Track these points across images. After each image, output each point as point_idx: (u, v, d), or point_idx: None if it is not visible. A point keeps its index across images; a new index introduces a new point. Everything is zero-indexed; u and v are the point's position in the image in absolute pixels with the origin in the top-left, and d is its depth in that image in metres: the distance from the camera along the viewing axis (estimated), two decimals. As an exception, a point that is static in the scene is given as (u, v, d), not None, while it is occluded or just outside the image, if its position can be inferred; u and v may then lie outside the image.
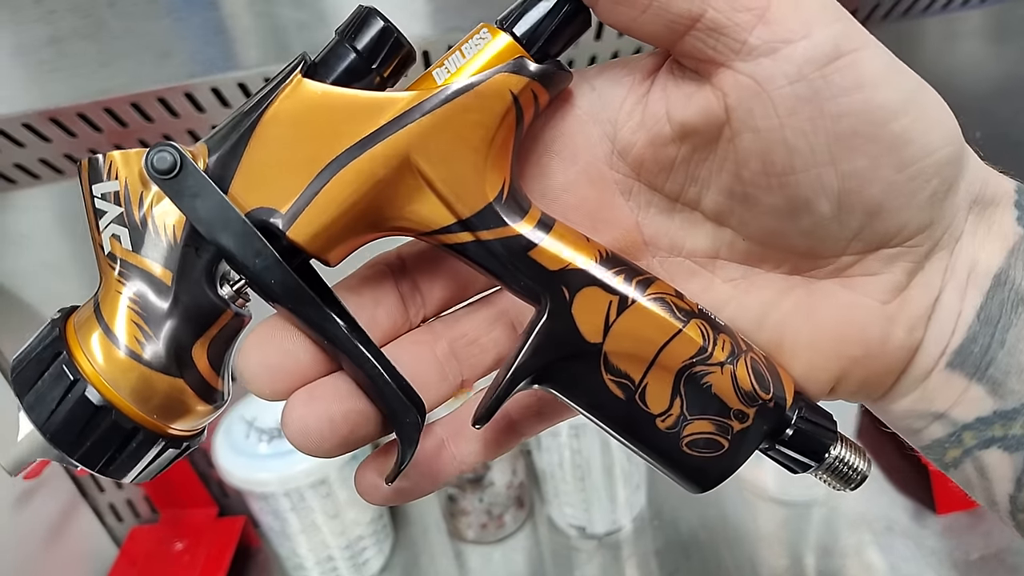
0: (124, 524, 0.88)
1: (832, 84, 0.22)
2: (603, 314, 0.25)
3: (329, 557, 0.80)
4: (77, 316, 0.24)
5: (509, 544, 0.86)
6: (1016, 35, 0.78)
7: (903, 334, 0.26)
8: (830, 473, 0.27)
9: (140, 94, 0.54)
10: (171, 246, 0.23)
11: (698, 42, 0.22)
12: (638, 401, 0.25)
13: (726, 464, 0.26)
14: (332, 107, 0.23)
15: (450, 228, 0.24)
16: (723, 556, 0.82)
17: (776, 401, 0.26)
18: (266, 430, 0.75)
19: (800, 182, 0.23)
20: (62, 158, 0.60)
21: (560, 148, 0.26)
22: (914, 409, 0.27)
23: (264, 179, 0.23)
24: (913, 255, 0.25)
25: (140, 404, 0.23)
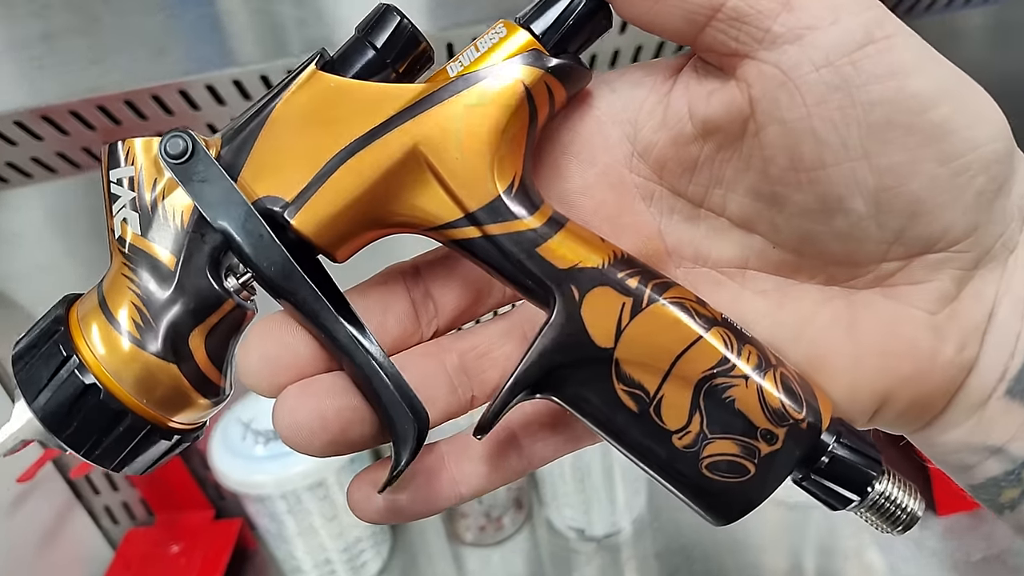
0: (120, 527, 0.88)
1: (863, 71, 0.21)
2: (615, 317, 0.23)
3: (327, 560, 0.79)
4: (82, 298, 0.24)
5: (508, 546, 0.85)
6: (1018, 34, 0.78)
7: (953, 350, 0.23)
8: (875, 511, 0.24)
9: (134, 91, 0.53)
10: (178, 231, 0.23)
11: (719, 34, 0.22)
12: (652, 415, 0.23)
13: (752, 493, 0.23)
14: (343, 98, 0.23)
15: (457, 223, 0.23)
16: (723, 558, 0.81)
17: (810, 422, 0.23)
18: (262, 432, 0.74)
19: (832, 177, 0.22)
20: (55, 156, 0.59)
21: (578, 150, 0.25)
22: (968, 442, 0.24)
23: (273, 168, 0.23)
24: (961, 262, 0.23)
25: (132, 389, 0.23)
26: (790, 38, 0.21)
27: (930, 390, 0.24)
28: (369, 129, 0.23)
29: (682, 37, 0.23)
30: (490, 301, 0.28)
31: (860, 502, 0.23)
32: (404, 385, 0.24)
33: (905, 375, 0.24)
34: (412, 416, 0.23)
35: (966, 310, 0.23)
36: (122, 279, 0.23)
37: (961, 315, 0.23)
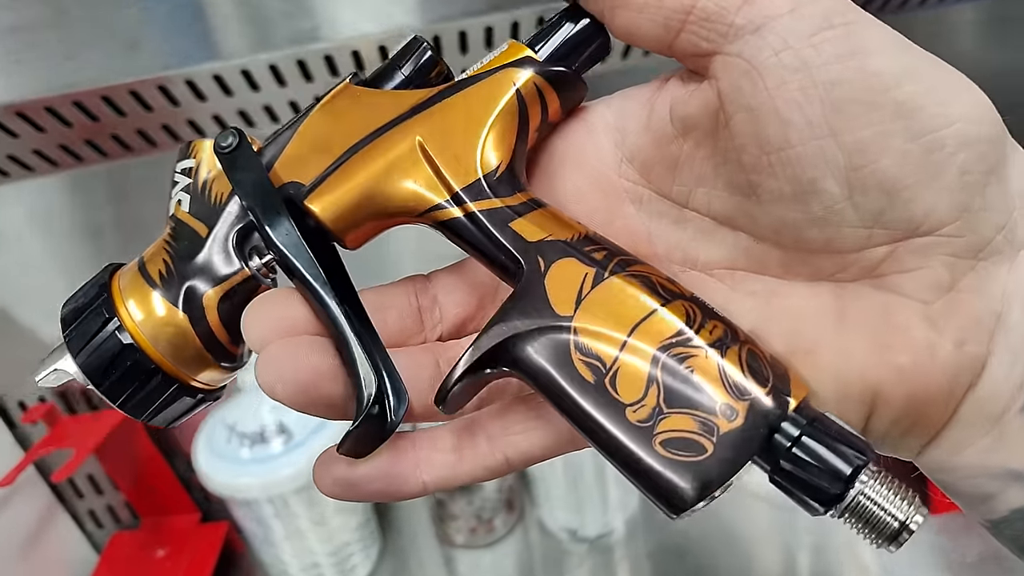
0: (104, 531, 0.87)
1: (823, 53, 0.21)
2: (577, 286, 0.23)
3: (315, 564, 0.78)
4: (124, 266, 0.27)
5: (499, 548, 0.85)
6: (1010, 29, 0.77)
7: (951, 345, 0.22)
8: (857, 515, 0.21)
9: (111, 87, 0.52)
10: (215, 208, 0.26)
11: (692, 35, 0.23)
12: (608, 386, 0.22)
13: (709, 474, 0.21)
14: (364, 102, 0.26)
15: (444, 204, 0.25)
16: (716, 557, 0.81)
17: (776, 398, 0.21)
18: (248, 435, 0.73)
19: (801, 158, 0.22)
20: (31, 154, 0.58)
21: (570, 158, 0.27)
22: (985, 464, 0.22)
23: (299, 161, 0.26)
24: (952, 247, 0.22)
25: (162, 349, 0.25)
26: (751, 29, 0.22)
27: (928, 388, 0.22)
28: (381, 125, 0.26)
29: (662, 45, 0.24)
30: (491, 309, 0.28)
31: (837, 501, 0.21)
32: (384, 360, 0.25)
33: (898, 366, 0.22)
34: (376, 378, 0.24)
35: (966, 303, 0.22)
36: (162, 244, 0.27)
37: (960, 308, 0.22)
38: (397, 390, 0.25)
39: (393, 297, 0.27)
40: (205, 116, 0.59)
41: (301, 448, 0.72)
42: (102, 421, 0.74)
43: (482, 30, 0.57)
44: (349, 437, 0.24)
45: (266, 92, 0.58)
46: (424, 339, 0.28)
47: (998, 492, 0.23)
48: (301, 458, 0.71)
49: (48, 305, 0.72)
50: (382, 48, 0.57)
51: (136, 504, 0.85)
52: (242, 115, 0.60)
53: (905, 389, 0.22)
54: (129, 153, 0.60)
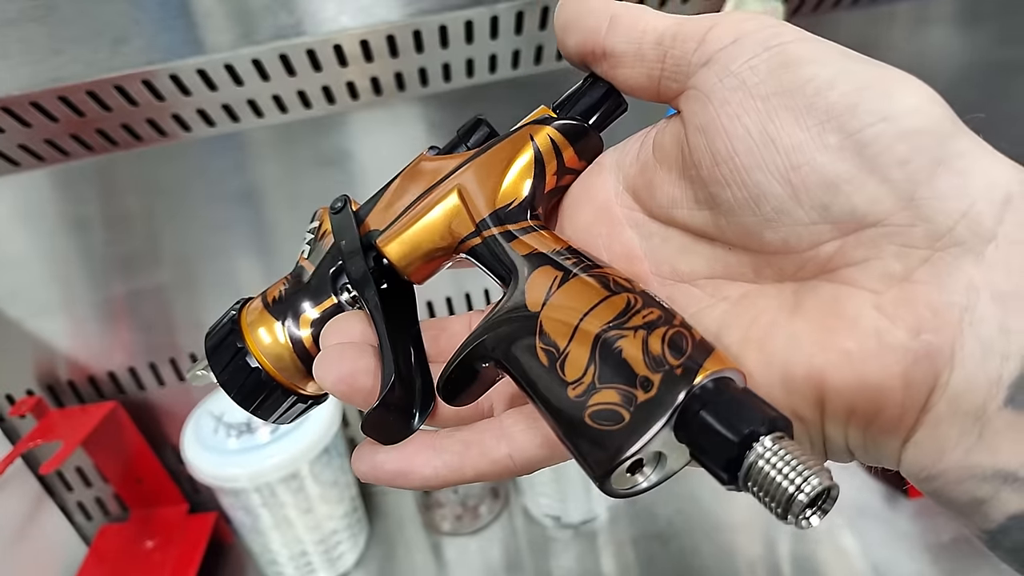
0: (93, 523, 0.87)
1: (757, 72, 0.24)
2: (547, 286, 0.26)
3: (303, 552, 0.79)
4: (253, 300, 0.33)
5: (485, 535, 0.86)
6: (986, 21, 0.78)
7: (905, 333, 0.21)
8: (756, 482, 0.20)
9: (96, 81, 0.53)
10: (322, 252, 0.32)
11: (668, 80, 0.27)
12: (558, 368, 0.24)
13: (621, 440, 0.22)
14: (430, 167, 0.32)
15: (470, 235, 0.30)
16: (698, 543, 0.82)
17: (687, 368, 0.22)
18: (234, 425, 0.73)
19: (746, 166, 0.24)
20: (17, 149, 0.58)
21: (581, 194, 0.31)
22: (972, 466, 0.21)
23: (382, 214, 0.32)
24: (903, 238, 0.21)
25: (277, 366, 0.31)
26: (703, 62, 0.25)
27: (877, 376, 0.21)
28: (435, 181, 0.31)
29: (652, 93, 0.28)
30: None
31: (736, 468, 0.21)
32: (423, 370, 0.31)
33: (844, 351, 0.22)
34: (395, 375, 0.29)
35: (922, 295, 0.21)
36: (282, 281, 0.33)
37: (916, 299, 0.21)
38: (426, 394, 0.30)
39: (450, 324, 0.33)
40: (190, 110, 0.59)
41: (287, 438, 0.72)
42: (90, 414, 0.75)
43: (462, 24, 0.58)
44: (367, 417, 0.28)
45: (250, 86, 0.58)
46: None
47: (990, 496, 0.21)
48: (288, 448, 0.72)
49: (34, 299, 0.72)
50: (364, 43, 0.57)
51: (124, 496, 0.85)
52: (226, 109, 0.60)
53: (852, 375, 0.22)
54: (114, 147, 0.61)
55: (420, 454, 0.28)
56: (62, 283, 0.72)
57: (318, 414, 0.75)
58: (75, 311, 0.74)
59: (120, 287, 0.73)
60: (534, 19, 0.60)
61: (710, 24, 0.26)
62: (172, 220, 0.70)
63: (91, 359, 0.77)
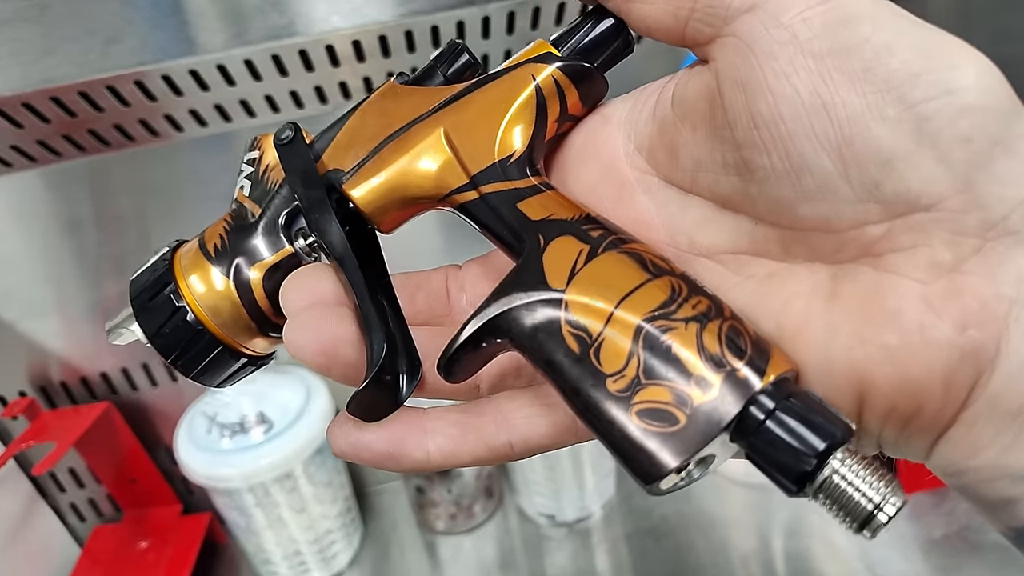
0: (86, 524, 0.87)
1: (812, 26, 0.21)
2: (571, 262, 0.23)
3: (297, 552, 0.79)
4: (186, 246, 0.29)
5: (479, 534, 0.86)
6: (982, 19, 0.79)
7: (951, 329, 0.20)
8: (829, 496, 0.20)
9: (88, 82, 0.53)
10: (269, 191, 0.29)
11: (698, 23, 0.24)
12: (592, 357, 0.22)
13: (680, 445, 0.20)
14: (403, 99, 0.29)
15: (462, 188, 0.27)
16: (692, 540, 0.82)
17: (751, 371, 0.21)
18: (228, 425, 0.73)
19: (792, 132, 0.21)
20: (9, 150, 0.58)
21: (585, 149, 0.28)
22: (1004, 464, 0.20)
23: (343, 151, 0.28)
24: (956, 224, 0.20)
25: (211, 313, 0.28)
26: (745, 8, 0.22)
27: (920, 373, 0.20)
28: (414, 118, 0.28)
29: (675, 36, 0.25)
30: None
31: (808, 480, 0.20)
32: (404, 335, 0.27)
33: (885, 347, 0.21)
34: (387, 346, 0.25)
35: (971, 286, 0.20)
36: (221, 223, 0.29)
37: (964, 291, 0.20)
38: (412, 363, 0.27)
39: (425, 280, 0.30)
40: (182, 110, 0.59)
41: (281, 437, 0.72)
42: (83, 414, 0.75)
43: (454, 24, 0.58)
44: (356, 397, 0.25)
45: (242, 86, 0.58)
46: (450, 323, 0.29)
47: (1022, 496, 0.21)
48: (281, 447, 0.72)
49: (26, 300, 0.72)
50: (355, 43, 0.57)
51: (118, 497, 0.85)
52: (218, 109, 0.60)
53: (894, 372, 0.21)
54: (107, 148, 0.61)
55: (410, 436, 0.25)
56: (55, 284, 0.72)
57: (312, 414, 0.75)
58: (68, 312, 0.74)
59: (113, 288, 0.73)
60: (525, 19, 0.60)
61: None
62: (164, 221, 0.70)
63: (84, 360, 0.77)
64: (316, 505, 0.77)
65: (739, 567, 0.80)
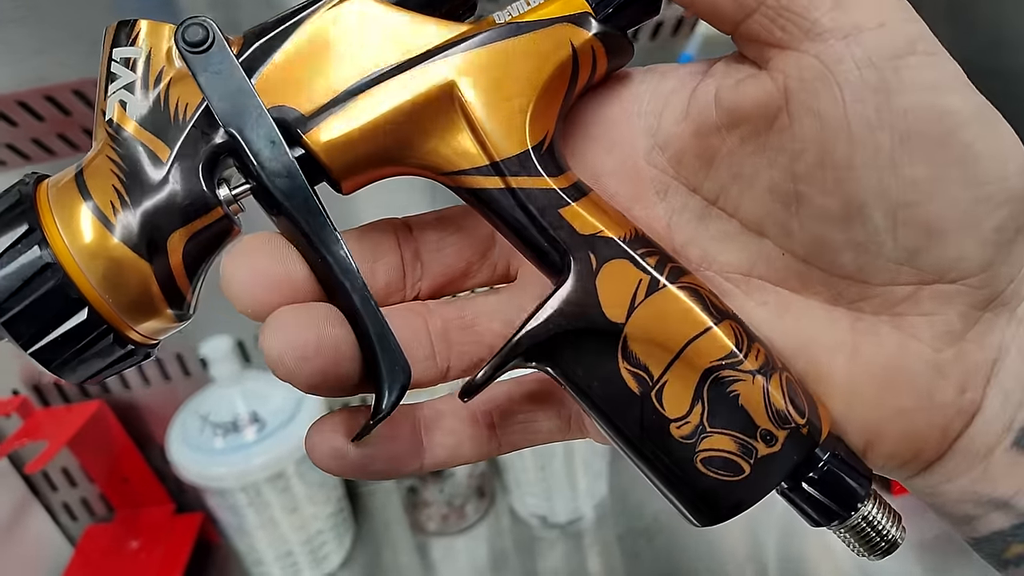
0: (79, 523, 0.87)
1: (903, 79, 0.20)
2: (630, 292, 0.22)
3: (288, 552, 0.79)
4: (54, 182, 0.22)
5: (471, 535, 0.86)
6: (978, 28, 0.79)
7: (953, 392, 0.22)
8: (854, 533, 0.23)
9: (82, 81, 0.53)
10: (178, 123, 0.21)
11: (766, 20, 0.21)
12: (653, 399, 0.22)
13: (743, 493, 0.22)
14: (387, 23, 0.22)
15: (480, 169, 0.22)
16: (685, 541, 0.82)
17: (811, 429, 0.22)
18: (221, 424, 0.73)
19: (858, 181, 0.21)
20: (3, 148, 0.58)
21: (599, 135, 0.25)
22: (971, 492, 0.23)
23: (295, 79, 0.22)
24: (971, 298, 0.22)
25: (97, 280, 0.21)
26: (836, 34, 0.21)
27: (923, 429, 0.23)
28: (408, 58, 0.22)
29: (727, 22, 0.22)
30: (478, 277, 0.27)
31: (843, 521, 0.23)
32: (393, 334, 0.23)
33: (899, 410, 0.23)
34: (404, 357, 0.22)
35: (971, 353, 0.22)
36: (106, 161, 0.21)
37: (966, 357, 0.22)
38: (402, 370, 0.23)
39: (380, 246, 0.25)
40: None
41: (274, 437, 0.72)
42: (75, 413, 0.75)
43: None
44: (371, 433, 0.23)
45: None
46: (403, 296, 0.26)
47: (981, 516, 0.23)
48: (274, 447, 0.72)
49: None
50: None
51: (110, 496, 0.85)
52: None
53: (901, 429, 0.23)
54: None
55: (407, 446, 0.25)
56: None
57: (305, 413, 0.75)
58: (61, 311, 0.74)
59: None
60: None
61: None
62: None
63: (77, 359, 0.77)
64: (308, 505, 0.77)
65: (732, 568, 0.80)
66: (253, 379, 0.76)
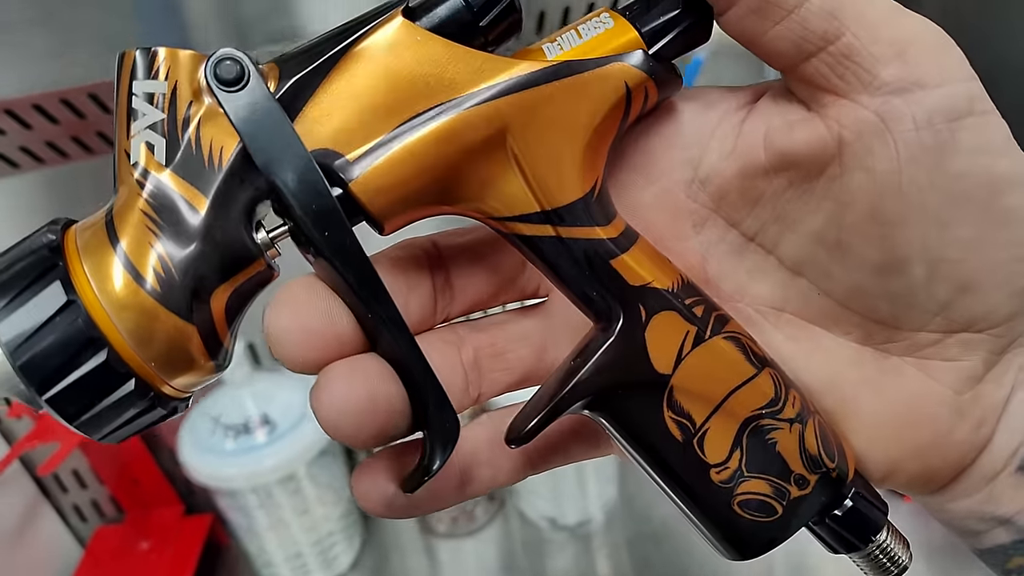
0: (88, 524, 0.87)
1: (958, 141, 0.20)
2: (678, 344, 0.22)
3: (298, 554, 0.79)
4: (82, 228, 0.20)
5: (480, 537, 0.86)
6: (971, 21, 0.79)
7: (970, 430, 0.24)
8: (869, 560, 0.24)
9: (97, 84, 0.53)
10: (212, 169, 0.20)
11: (824, 67, 0.21)
12: (695, 446, 0.22)
13: (775, 533, 0.23)
14: (432, 56, 0.21)
15: (530, 217, 0.22)
16: (693, 545, 0.82)
17: (839, 472, 0.23)
18: (232, 426, 0.74)
19: (904, 237, 0.22)
20: (18, 151, 0.58)
21: (639, 165, 0.25)
22: (977, 510, 0.25)
23: (337, 118, 0.20)
24: (993, 345, 0.23)
25: (140, 346, 0.19)
26: (897, 89, 0.20)
27: (941, 464, 0.24)
28: (458, 97, 0.21)
29: (783, 62, 0.22)
30: (507, 298, 0.27)
31: (860, 551, 0.24)
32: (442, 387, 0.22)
33: (920, 446, 0.24)
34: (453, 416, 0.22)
35: (988, 393, 0.24)
36: (140, 216, 0.20)
37: (983, 397, 0.24)
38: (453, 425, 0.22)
39: (413, 277, 0.24)
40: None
41: (285, 439, 0.72)
42: (87, 415, 0.75)
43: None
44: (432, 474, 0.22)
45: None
46: (433, 322, 0.26)
47: (986, 531, 0.25)
48: (285, 449, 0.72)
49: None
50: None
51: (120, 497, 0.85)
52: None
53: (920, 464, 0.24)
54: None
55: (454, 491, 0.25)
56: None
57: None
58: (72, 313, 0.74)
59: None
60: (530, 23, 0.60)
61: (909, 34, 0.21)
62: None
63: (88, 361, 0.77)
64: (319, 507, 0.77)
65: (739, 572, 0.80)
66: (264, 381, 0.76)
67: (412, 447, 0.24)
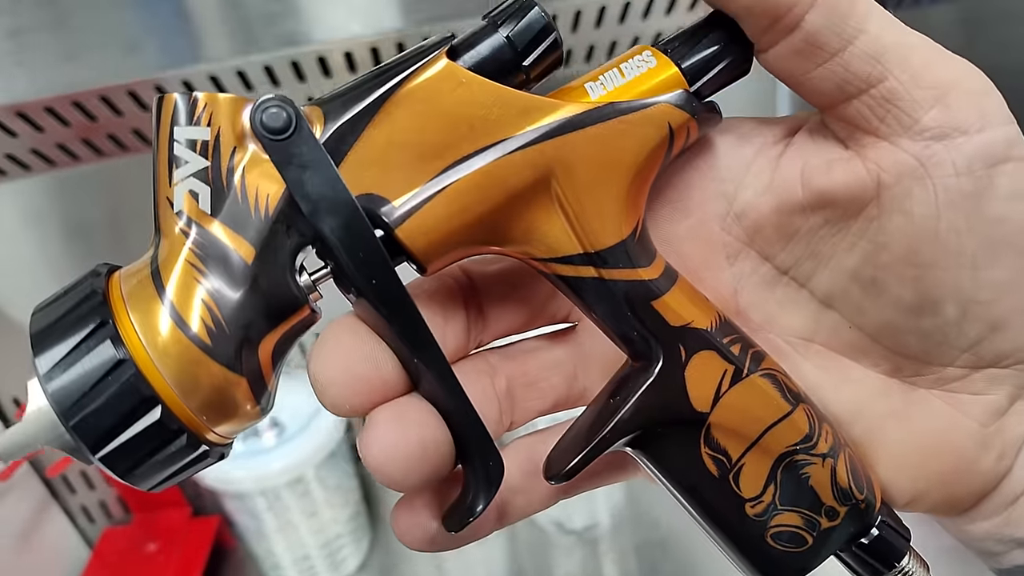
0: (96, 526, 0.87)
1: (997, 186, 0.21)
2: (716, 383, 0.23)
3: (306, 556, 0.79)
4: (126, 276, 0.20)
5: (487, 541, 0.85)
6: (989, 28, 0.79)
7: (993, 461, 0.24)
8: None
9: (109, 87, 0.53)
10: (259, 218, 0.19)
11: (865, 109, 0.21)
12: (731, 481, 0.23)
13: (804, 562, 0.24)
14: (477, 98, 0.21)
15: (572, 259, 0.22)
16: (700, 549, 0.82)
17: (867, 503, 0.24)
18: (241, 428, 0.74)
19: (937, 279, 0.22)
20: (29, 153, 0.59)
21: (673, 199, 0.25)
22: (996, 533, 0.25)
23: (382, 163, 0.20)
24: (1018, 380, 0.23)
25: (189, 398, 0.19)
26: (938, 135, 0.20)
27: (964, 492, 0.25)
28: (502, 139, 0.21)
29: (823, 101, 0.22)
30: (538, 323, 0.27)
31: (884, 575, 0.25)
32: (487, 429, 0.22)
33: (944, 477, 0.24)
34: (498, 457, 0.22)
35: (1011, 426, 0.24)
36: (186, 267, 0.19)
37: (1006, 430, 0.24)
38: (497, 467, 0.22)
39: (447, 310, 0.24)
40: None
41: (293, 442, 0.73)
42: (95, 417, 0.75)
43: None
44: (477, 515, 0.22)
45: (260, 92, 0.58)
46: (467, 352, 0.26)
47: (1004, 552, 0.25)
48: (293, 451, 0.72)
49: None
50: (374, 50, 0.58)
51: (128, 499, 0.85)
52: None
53: (943, 493, 0.25)
54: (125, 152, 0.61)
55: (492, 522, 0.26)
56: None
57: (324, 418, 0.75)
58: (82, 314, 0.74)
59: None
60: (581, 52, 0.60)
61: (951, 78, 0.21)
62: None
63: (97, 362, 0.77)
64: (327, 509, 0.77)
65: (748, 576, 0.80)
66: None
67: (450, 480, 0.24)
